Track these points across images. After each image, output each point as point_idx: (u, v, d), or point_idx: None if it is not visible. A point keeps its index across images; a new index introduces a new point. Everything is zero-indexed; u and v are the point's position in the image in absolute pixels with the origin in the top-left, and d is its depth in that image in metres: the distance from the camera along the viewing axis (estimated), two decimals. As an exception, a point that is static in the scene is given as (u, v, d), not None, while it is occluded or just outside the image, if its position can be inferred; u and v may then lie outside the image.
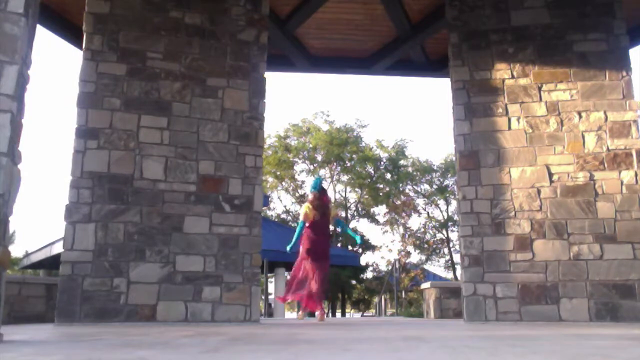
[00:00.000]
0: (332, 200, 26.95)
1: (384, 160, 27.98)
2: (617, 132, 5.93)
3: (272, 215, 27.66)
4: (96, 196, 5.46)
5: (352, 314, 33.32)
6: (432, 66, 8.47)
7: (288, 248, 6.80)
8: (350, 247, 25.05)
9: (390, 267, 22.75)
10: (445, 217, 27.71)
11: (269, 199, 27.59)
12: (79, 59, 5.79)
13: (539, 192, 5.92)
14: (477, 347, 2.57)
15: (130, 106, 5.75)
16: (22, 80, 3.03)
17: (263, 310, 16.07)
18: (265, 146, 25.37)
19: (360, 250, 26.62)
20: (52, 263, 15.49)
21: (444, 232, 28.06)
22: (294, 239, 6.77)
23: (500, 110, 6.22)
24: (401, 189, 27.82)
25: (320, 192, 6.82)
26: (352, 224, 27.78)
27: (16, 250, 27.05)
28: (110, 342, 2.84)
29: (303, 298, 6.69)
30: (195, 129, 5.92)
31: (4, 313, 3.87)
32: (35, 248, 18.43)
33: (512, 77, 6.29)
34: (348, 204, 28.05)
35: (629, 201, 5.72)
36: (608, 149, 5.91)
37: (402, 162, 28.06)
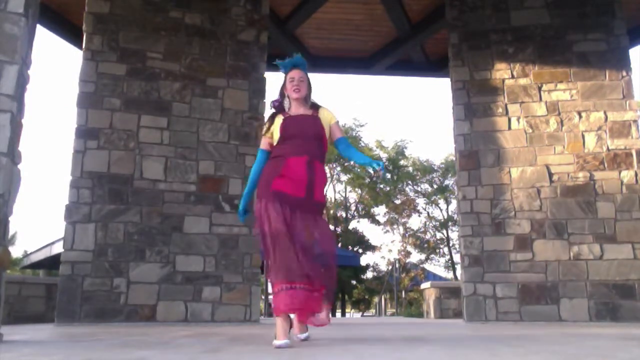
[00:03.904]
0: (332, 199, 26.92)
1: (384, 160, 27.98)
2: (617, 132, 5.93)
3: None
4: (96, 196, 5.46)
5: (352, 314, 33.32)
6: (432, 66, 8.47)
7: (241, 207, 3.22)
8: (350, 247, 25.03)
9: (390, 267, 22.75)
10: (445, 216, 27.70)
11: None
12: (79, 59, 5.80)
13: (539, 192, 5.92)
14: (477, 347, 2.57)
15: (130, 106, 5.75)
16: (22, 80, 3.04)
17: (263, 310, 16.07)
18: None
19: (360, 251, 26.61)
20: (52, 263, 15.47)
21: (444, 231, 28.06)
22: (247, 188, 3.26)
23: (500, 110, 6.22)
24: (402, 188, 27.78)
25: (300, 68, 3.23)
26: (352, 224, 27.70)
27: (16, 251, 27.05)
28: (110, 343, 2.84)
29: (293, 300, 2.75)
30: (195, 129, 5.92)
31: (4, 313, 3.87)
32: (35, 248, 18.41)
33: (512, 77, 6.29)
34: (348, 204, 28.03)
35: (629, 201, 5.72)
36: (608, 149, 5.91)
37: (402, 162, 28.05)
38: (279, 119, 3.14)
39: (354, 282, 27.35)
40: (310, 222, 2.90)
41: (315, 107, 3.23)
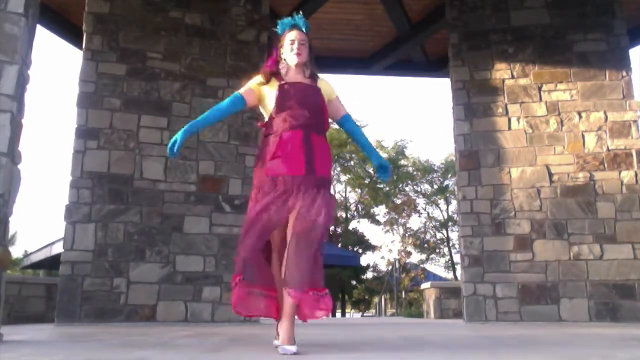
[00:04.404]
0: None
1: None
2: (617, 132, 5.93)
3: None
4: (96, 196, 5.46)
5: (352, 314, 33.32)
6: (432, 66, 8.47)
7: (180, 136, 2.53)
8: (350, 247, 25.01)
9: (390, 267, 22.75)
10: (445, 217, 27.70)
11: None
12: (79, 59, 5.80)
13: (539, 192, 5.92)
14: (477, 347, 2.57)
15: (130, 106, 5.75)
16: (22, 80, 3.03)
17: (263, 310, 16.03)
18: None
19: (360, 251, 26.61)
20: (52, 263, 15.46)
21: (444, 232, 28.06)
22: (199, 119, 2.69)
23: (500, 110, 6.22)
24: (402, 188, 27.78)
25: (300, 29, 3.08)
26: (352, 224, 27.69)
27: (16, 251, 27.06)
28: (110, 342, 2.84)
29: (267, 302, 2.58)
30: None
31: (4, 313, 3.87)
32: (35, 248, 18.42)
33: (512, 77, 6.29)
34: (348, 204, 28.03)
35: (629, 201, 5.72)
36: (608, 149, 5.91)
37: (402, 162, 28.05)
38: (275, 85, 2.68)
39: (354, 282, 27.34)
40: (310, 201, 2.45)
41: (314, 76, 2.79)
